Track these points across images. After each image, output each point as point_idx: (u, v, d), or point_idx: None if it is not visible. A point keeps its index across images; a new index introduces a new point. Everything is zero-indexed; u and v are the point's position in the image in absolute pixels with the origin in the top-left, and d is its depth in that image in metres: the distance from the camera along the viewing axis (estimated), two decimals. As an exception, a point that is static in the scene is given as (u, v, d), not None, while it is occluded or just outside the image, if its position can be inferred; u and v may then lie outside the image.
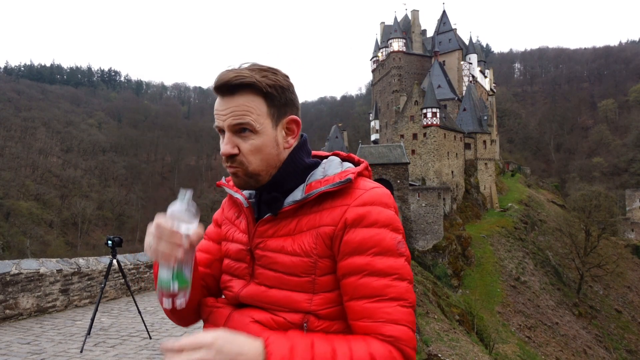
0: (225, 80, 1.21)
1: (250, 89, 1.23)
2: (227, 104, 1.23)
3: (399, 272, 1.16)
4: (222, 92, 1.24)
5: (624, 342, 46.96)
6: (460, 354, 21.56)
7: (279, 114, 1.28)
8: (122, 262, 9.42)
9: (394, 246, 1.18)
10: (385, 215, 1.20)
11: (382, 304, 1.12)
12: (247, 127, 1.22)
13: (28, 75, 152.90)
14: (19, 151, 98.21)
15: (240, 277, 1.32)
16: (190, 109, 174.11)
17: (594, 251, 52.64)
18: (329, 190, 1.21)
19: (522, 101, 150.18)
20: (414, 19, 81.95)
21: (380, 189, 1.25)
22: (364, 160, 1.35)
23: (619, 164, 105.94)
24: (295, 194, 1.26)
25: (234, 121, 1.22)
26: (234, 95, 1.22)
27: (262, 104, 1.24)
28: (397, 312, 1.12)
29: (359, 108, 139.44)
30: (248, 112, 1.22)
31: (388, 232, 1.18)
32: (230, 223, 1.42)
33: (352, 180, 1.23)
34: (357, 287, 1.15)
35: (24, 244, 67.15)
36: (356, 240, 1.17)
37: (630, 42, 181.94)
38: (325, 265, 1.20)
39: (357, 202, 1.20)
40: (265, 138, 1.24)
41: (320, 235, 1.20)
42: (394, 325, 1.11)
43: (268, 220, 1.27)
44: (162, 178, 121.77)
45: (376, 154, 49.40)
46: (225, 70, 1.24)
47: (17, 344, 5.80)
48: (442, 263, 46.26)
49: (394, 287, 1.14)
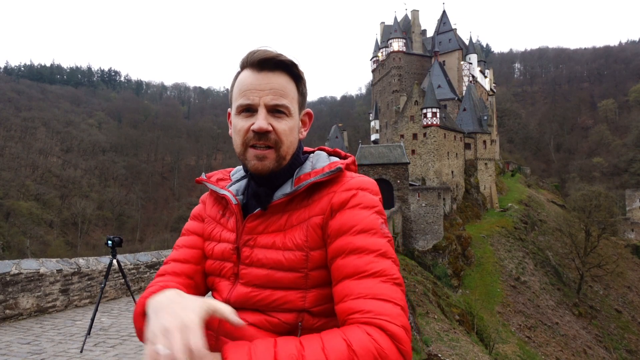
0: (271, 55, 1.20)
1: (288, 72, 1.23)
2: (267, 79, 1.20)
3: (382, 249, 1.12)
4: (262, 67, 1.21)
5: (624, 342, 46.93)
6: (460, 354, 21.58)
7: (303, 103, 1.31)
8: (122, 262, 9.42)
9: (377, 225, 1.15)
10: (369, 199, 1.19)
11: (363, 280, 1.07)
12: (284, 109, 1.21)
13: (28, 75, 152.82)
14: (19, 151, 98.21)
15: (226, 277, 1.28)
16: (190, 109, 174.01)
17: (594, 251, 52.63)
18: (320, 180, 1.21)
19: (522, 101, 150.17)
20: (414, 19, 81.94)
21: (366, 178, 1.25)
22: (351, 155, 1.37)
23: (619, 164, 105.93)
24: (284, 188, 1.24)
25: (273, 100, 1.19)
26: (274, 73, 1.21)
27: (294, 89, 1.25)
28: (378, 287, 1.05)
29: (359, 108, 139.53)
30: (286, 94, 1.22)
31: (370, 213, 1.17)
32: (214, 222, 1.38)
33: (342, 169, 1.23)
34: (340, 268, 1.12)
35: (24, 244, 67.15)
36: (340, 222, 1.16)
37: (630, 42, 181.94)
38: (316, 258, 1.18)
39: (342, 187, 1.21)
40: (295, 122, 1.26)
41: (311, 227, 1.18)
42: (373, 301, 1.03)
43: (258, 216, 1.25)
44: (162, 178, 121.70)
45: (376, 154, 49.37)
46: (261, 47, 1.23)
47: (17, 344, 5.79)
48: (442, 263, 46.23)
49: (376, 263, 1.09)
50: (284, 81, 1.22)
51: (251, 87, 1.21)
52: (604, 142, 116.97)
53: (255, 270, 1.21)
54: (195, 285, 1.35)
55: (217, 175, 1.46)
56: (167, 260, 1.41)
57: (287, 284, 1.18)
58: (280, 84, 1.21)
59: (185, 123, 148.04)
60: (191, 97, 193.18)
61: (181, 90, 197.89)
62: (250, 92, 1.21)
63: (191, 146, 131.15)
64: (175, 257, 1.39)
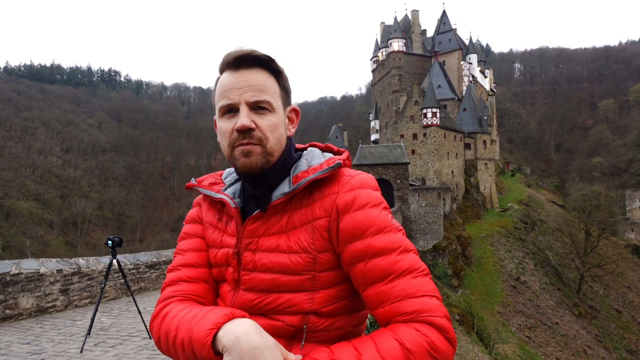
0: (245, 53, 1.19)
1: (266, 68, 1.22)
2: (245, 77, 1.19)
3: (402, 245, 1.13)
4: (239, 65, 1.20)
5: (624, 342, 46.92)
6: (460, 354, 21.57)
7: (286, 99, 1.29)
8: (122, 262, 9.42)
9: (389, 222, 1.16)
10: (374, 196, 1.19)
11: (395, 282, 1.08)
12: (266, 104, 1.19)
13: (28, 75, 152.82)
14: (19, 151, 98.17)
15: (228, 283, 1.26)
16: (190, 109, 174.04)
17: (594, 251, 52.61)
18: (319, 177, 1.18)
19: (522, 101, 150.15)
20: (414, 19, 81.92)
21: (365, 174, 1.24)
22: (345, 150, 1.34)
23: (619, 164, 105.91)
24: (282, 187, 1.21)
25: (254, 97, 1.18)
26: (251, 70, 1.19)
27: (275, 85, 1.23)
28: (412, 285, 1.07)
29: (359, 108, 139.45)
30: (266, 90, 1.20)
31: (380, 211, 1.17)
32: (212, 227, 1.35)
33: (342, 165, 1.22)
34: (366, 274, 1.11)
35: (24, 244, 67.12)
36: (351, 225, 1.14)
37: (630, 42, 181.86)
38: (324, 260, 1.16)
39: (345, 188, 1.18)
40: (279, 117, 1.23)
41: (317, 229, 1.16)
42: (412, 300, 1.05)
43: (257, 218, 1.21)
44: (162, 178, 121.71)
45: (376, 154, 49.36)
46: (237, 47, 1.21)
47: (17, 344, 5.79)
48: (442, 263, 46.21)
49: (401, 261, 1.10)
50: (262, 77, 1.20)
51: (230, 86, 1.19)
52: (604, 142, 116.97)
53: (260, 275, 1.18)
54: (212, 289, 1.31)
55: (208, 179, 1.42)
56: (175, 266, 1.33)
57: (294, 287, 1.16)
58: (259, 80, 1.19)
59: (185, 123, 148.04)
60: (191, 97, 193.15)
61: (181, 90, 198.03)
62: (230, 92, 1.19)
63: (191, 146, 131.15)
64: (185, 262, 1.33)
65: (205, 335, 1.03)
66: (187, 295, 1.25)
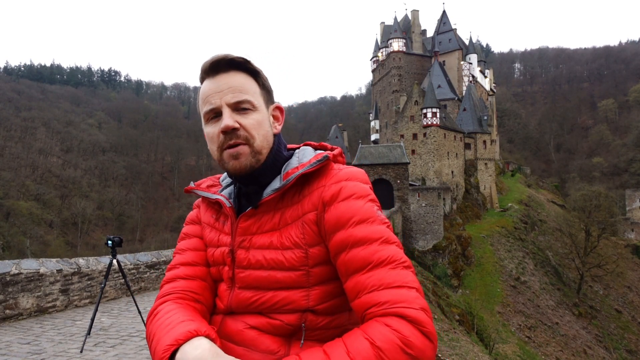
0: (220, 58, 1.23)
1: (243, 70, 1.24)
2: (224, 80, 1.22)
3: (383, 236, 1.10)
4: (216, 71, 1.23)
5: (624, 342, 46.91)
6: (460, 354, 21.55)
7: (268, 97, 1.31)
8: (122, 262, 9.42)
9: (373, 213, 1.14)
10: (360, 188, 1.18)
11: (372, 272, 1.05)
12: (247, 104, 1.22)
13: (28, 75, 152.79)
14: (19, 151, 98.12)
15: (224, 282, 1.28)
16: (190, 109, 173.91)
17: (594, 251, 52.60)
18: (308, 171, 1.19)
19: (522, 101, 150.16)
20: (414, 19, 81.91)
21: (354, 168, 1.24)
22: (338, 147, 1.35)
23: (619, 164, 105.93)
24: (273, 184, 1.23)
25: (234, 98, 1.20)
26: (228, 73, 1.23)
27: (254, 84, 1.26)
28: (389, 275, 1.04)
29: (359, 108, 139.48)
30: (246, 90, 1.22)
31: (365, 202, 1.16)
32: (210, 227, 1.37)
33: (330, 158, 1.23)
34: (347, 264, 1.10)
35: (24, 244, 67.10)
36: (335, 215, 1.14)
37: (630, 42, 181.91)
38: (316, 255, 1.16)
39: (332, 180, 1.20)
40: (263, 115, 1.25)
41: (306, 224, 1.17)
42: (387, 290, 1.01)
43: (250, 216, 1.23)
44: (162, 178, 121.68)
45: (376, 154, 49.34)
46: (212, 55, 1.25)
47: (17, 344, 5.79)
48: (442, 263, 46.21)
49: (381, 252, 1.08)
50: (241, 78, 1.23)
51: (210, 92, 1.22)
52: (604, 142, 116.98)
53: (255, 272, 1.19)
54: (210, 287, 1.33)
55: (206, 182, 1.45)
56: (174, 265, 1.37)
57: (290, 284, 1.16)
58: (237, 82, 1.22)
59: (185, 123, 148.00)
60: (191, 97, 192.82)
61: (181, 90, 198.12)
62: (211, 97, 1.22)
63: (191, 146, 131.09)
64: (183, 260, 1.36)
65: (164, 350, 1.03)
66: (183, 293, 1.26)
